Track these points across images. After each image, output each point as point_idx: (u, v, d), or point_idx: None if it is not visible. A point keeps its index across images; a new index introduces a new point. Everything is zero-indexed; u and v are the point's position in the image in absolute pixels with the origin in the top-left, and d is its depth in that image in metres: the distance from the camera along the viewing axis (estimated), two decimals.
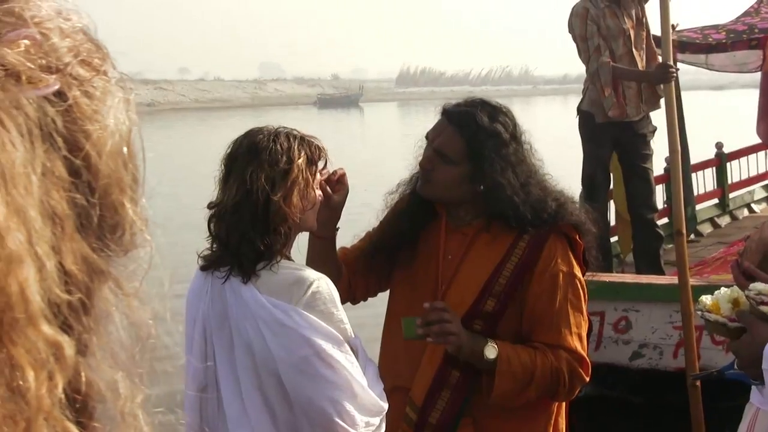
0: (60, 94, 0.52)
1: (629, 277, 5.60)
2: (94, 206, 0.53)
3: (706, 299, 2.18)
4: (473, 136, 2.49)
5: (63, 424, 0.49)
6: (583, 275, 2.62)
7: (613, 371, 5.28)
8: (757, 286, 2.09)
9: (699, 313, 2.21)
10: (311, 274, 2.26)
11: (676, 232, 4.38)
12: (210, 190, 2.34)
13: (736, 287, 2.16)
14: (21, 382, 0.46)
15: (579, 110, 6.24)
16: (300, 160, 2.26)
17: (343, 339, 2.26)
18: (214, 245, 2.32)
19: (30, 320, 0.47)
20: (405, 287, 2.69)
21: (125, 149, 0.55)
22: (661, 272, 5.97)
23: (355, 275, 2.75)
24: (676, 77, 7.48)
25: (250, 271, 2.24)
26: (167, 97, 79.81)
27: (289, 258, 2.31)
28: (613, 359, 5.27)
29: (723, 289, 2.17)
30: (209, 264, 2.31)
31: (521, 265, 2.52)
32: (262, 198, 2.21)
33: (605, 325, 5.21)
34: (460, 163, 2.51)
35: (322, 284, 2.25)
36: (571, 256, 2.56)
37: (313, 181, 2.31)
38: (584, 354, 2.58)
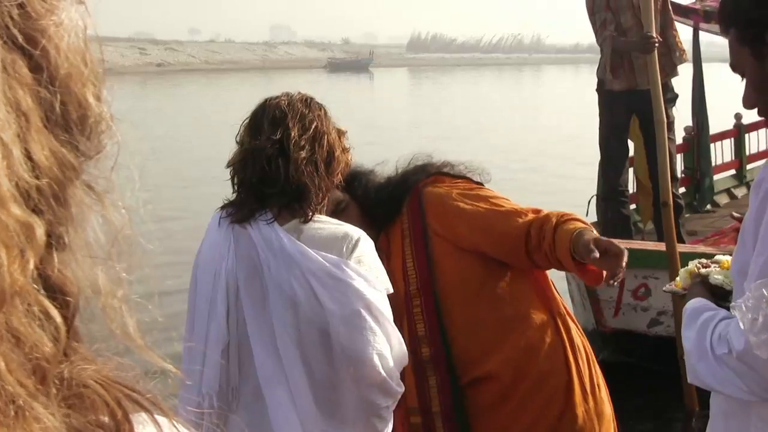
0: None
1: (650, 245, 5.60)
2: (56, 94, 0.53)
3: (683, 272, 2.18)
4: None
5: (36, 298, 0.50)
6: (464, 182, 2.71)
7: (631, 338, 5.33)
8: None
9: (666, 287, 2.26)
10: (354, 229, 2.27)
11: (663, 204, 4.37)
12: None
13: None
14: None
15: (597, 76, 6.36)
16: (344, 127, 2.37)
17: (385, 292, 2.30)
18: (241, 192, 2.25)
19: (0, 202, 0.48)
20: None
21: (82, 45, 0.56)
22: (681, 240, 5.91)
23: None
24: (697, 47, 7.45)
25: (314, 207, 2.23)
26: (177, 57, 79.74)
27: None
28: (632, 326, 5.31)
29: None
30: (245, 215, 2.23)
31: (416, 237, 2.64)
32: (333, 140, 2.26)
33: (624, 291, 5.24)
34: None
35: (366, 239, 2.26)
36: (444, 189, 2.66)
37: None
38: (530, 209, 2.62)
